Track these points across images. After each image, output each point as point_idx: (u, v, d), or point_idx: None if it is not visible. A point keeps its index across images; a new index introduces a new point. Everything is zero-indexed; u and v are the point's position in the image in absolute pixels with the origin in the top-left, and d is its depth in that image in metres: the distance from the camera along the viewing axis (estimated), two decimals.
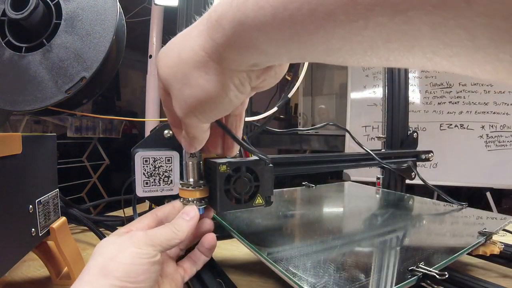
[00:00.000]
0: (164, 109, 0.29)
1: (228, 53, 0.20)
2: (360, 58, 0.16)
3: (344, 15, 0.13)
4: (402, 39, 0.13)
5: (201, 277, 0.37)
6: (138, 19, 1.65)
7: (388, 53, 0.14)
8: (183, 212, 0.31)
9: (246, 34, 0.18)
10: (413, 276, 0.30)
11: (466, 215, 0.52)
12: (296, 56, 0.18)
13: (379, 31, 0.13)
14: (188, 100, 0.22)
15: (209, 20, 0.20)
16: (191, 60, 0.21)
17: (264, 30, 0.17)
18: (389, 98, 0.71)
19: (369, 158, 0.54)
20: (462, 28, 0.11)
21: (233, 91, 0.22)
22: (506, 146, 1.51)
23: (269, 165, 0.32)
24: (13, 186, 0.34)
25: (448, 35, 0.12)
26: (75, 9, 0.42)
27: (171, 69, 0.23)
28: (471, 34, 0.11)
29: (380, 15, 0.12)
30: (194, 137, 0.26)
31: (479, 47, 0.11)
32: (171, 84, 0.23)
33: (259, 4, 0.16)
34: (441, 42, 0.12)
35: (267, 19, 0.16)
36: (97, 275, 0.24)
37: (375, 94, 1.72)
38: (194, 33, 0.21)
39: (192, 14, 0.38)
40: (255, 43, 0.18)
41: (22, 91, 0.40)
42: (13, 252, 0.34)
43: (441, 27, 0.12)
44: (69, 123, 1.63)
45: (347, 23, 0.14)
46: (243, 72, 0.21)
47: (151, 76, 1.41)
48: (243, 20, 0.17)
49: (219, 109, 0.23)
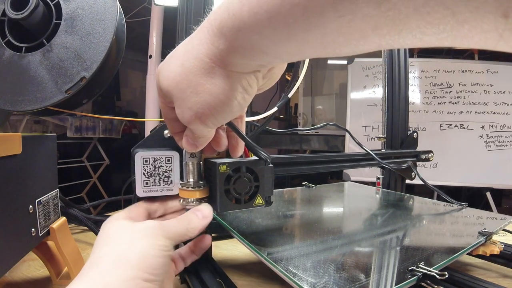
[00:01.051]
0: (164, 120, 0.29)
1: (233, 58, 0.20)
2: (355, 47, 0.17)
3: (332, 12, 0.14)
4: (390, 25, 0.14)
5: (201, 277, 0.37)
6: (138, 19, 1.65)
7: (379, 39, 0.15)
8: (197, 209, 0.30)
9: (247, 39, 0.19)
10: (413, 276, 0.30)
11: (466, 215, 0.52)
12: (295, 54, 0.19)
13: (367, 22, 0.14)
14: (194, 107, 0.23)
15: (210, 29, 0.20)
16: (196, 67, 0.22)
17: (262, 33, 0.18)
18: (389, 98, 0.71)
19: (369, 158, 0.54)
20: (442, 6, 0.12)
21: (241, 93, 0.22)
22: (506, 146, 1.51)
23: (269, 165, 0.32)
24: (13, 186, 0.34)
25: (432, 14, 0.13)
26: (75, 9, 0.42)
27: (173, 79, 0.23)
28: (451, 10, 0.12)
29: (365, 7, 0.14)
30: (199, 137, 0.27)
31: (463, 21, 0.12)
32: (174, 94, 0.23)
33: (254, 10, 0.17)
34: (427, 22, 0.13)
35: (263, 23, 0.17)
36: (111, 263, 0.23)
37: (375, 94, 1.72)
38: (195, 43, 0.22)
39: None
40: (256, 46, 0.19)
41: (22, 91, 0.40)
42: (13, 252, 0.34)
43: (423, 8, 0.12)
44: (69, 123, 1.63)
45: (336, 19, 0.15)
46: (251, 73, 0.22)
47: (151, 76, 1.41)
48: (242, 26, 0.18)
49: (227, 112, 0.23)
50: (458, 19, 0.12)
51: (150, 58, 1.42)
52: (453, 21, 0.12)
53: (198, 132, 0.26)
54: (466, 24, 0.12)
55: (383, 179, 0.71)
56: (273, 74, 0.24)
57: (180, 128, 0.29)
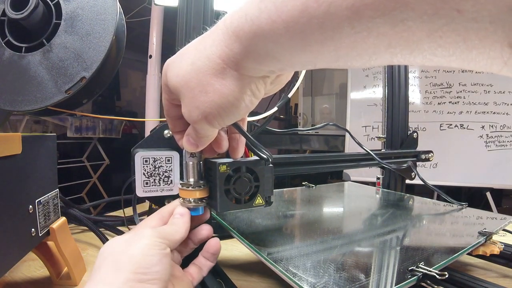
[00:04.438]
0: (166, 117, 0.29)
1: (246, 62, 0.21)
2: (366, 61, 0.17)
3: (349, 27, 0.15)
4: (403, 44, 0.15)
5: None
6: (138, 19, 1.65)
7: (391, 56, 0.16)
8: (175, 212, 0.32)
9: (262, 45, 0.19)
10: (413, 276, 0.30)
11: (466, 215, 0.52)
12: (308, 63, 0.20)
13: (382, 39, 0.15)
14: (202, 106, 0.23)
15: (226, 31, 0.21)
16: (207, 67, 0.22)
17: (278, 41, 0.18)
18: (389, 98, 0.71)
19: (369, 158, 0.54)
20: (455, 33, 0.13)
21: (249, 96, 0.23)
22: (506, 146, 1.51)
23: (269, 165, 0.32)
24: (13, 186, 0.34)
25: (444, 39, 0.13)
26: (75, 9, 0.42)
27: (183, 77, 0.23)
28: (463, 37, 0.13)
29: (381, 26, 0.14)
30: (202, 137, 0.27)
31: (472, 47, 0.13)
32: (182, 92, 0.24)
33: (272, 18, 0.17)
34: (438, 45, 0.14)
35: (280, 32, 0.17)
36: (109, 272, 0.24)
37: (375, 94, 1.72)
38: (208, 43, 0.22)
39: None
40: (271, 53, 0.19)
41: (22, 91, 0.40)
42: (13, 252, 0.34)
43: (436, 33, 0.13)
44: (69, 123, 1.63)
45: (352, 34, 0.15)
46: (260, 78, 0.22)
47: (151, 76, 1.41)
48: (259, 33, 0.18)
49: (234, 114, 0.23)
50: (468, 45, 0.13)
51: (150, 58, 1.42)
52: (463, 47, 0.13)
53: (202, 132, 0.26)
54: (474, 50, 0.13)
55: (383, 179, 0.71)
56: (280, 80, 0.25)
57: (181, 126, 0.29)
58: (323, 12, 0.15)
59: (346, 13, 0.14)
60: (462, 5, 0.12)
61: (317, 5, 0.15)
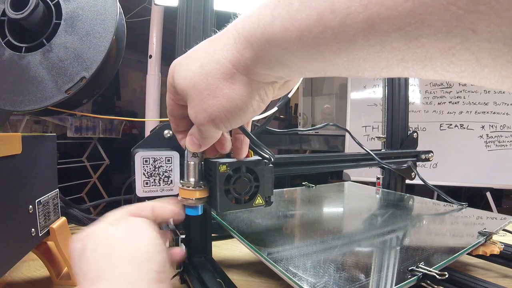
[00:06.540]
0: (169, 117, 0.29)
1: (256, 67, 0.21)
2: (377, 73, 0.17)
3: (364, 40, 0.15)
4: (415, 59, 0.15)
5: (201, 277, 0.37)
6: (138, 19, 1.65)
7: (403, 69, 0.16)
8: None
9: (273, 52, 0.19)
10: (413, 276, 0.30)
11: (466, 215, 0.52)
12: (318, 72, 0.20)
13: (395, 54, 0.15)
14: (210, 110, 0.23)
15: (237, 36, 0.21)
16: (217, 71, 0.22)
17: (290, 49, 0.18)
18: (389, 98, 0.71)
19: (369, 158, 0.54)
20: (468, 51, 0.13)
21: (257, 101, 0.23)
22: (506, 146, 1.51)
23: (269, 165, 0.32)
24: (13, 186, 0.34)
25: (457, 56, 0.13)
26: (75, 9, 0.42)
27: (191, 80, 0.23)
28: (476, 56, 0.13)
29: (395, 41, 0.14)
30: (206, 138, 0.27)
31: (484, 65, 0.13)
32: (189, 94, 0.24)
33: (285, 26, 0.17)
34: (450, 61, 0.14)
35: (293, 40, 0.17)
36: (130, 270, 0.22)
37: (375, 94, 1.72)
38: (218, 46, 0.22)
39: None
40: (282, 60, 0.19)
41: (22, 91, 0.40)
42: (13, 252, 0.34)
43: (450, 50, 0.13)
44: (69, 123, 1.63)
45: (366, 47, 0.15)
46: (269, 84, 0.23)
47: (151, 76, 1.41)
48: (271, 40, 0.18)
49: (241, 118, 0.24)
50: (480, 63, 0.13)
51: (150, 58, 1.42)
52: (475, 64, 0.13)
53: (207, 133, 0.26)
54: (486, 68, 0.13)
55: (383, 179, 0.71)
56: (288, 86, 0.25)
57: (184, 126, 0.29)
58: (339, 23, 0.15)
59: (361, 25, 0.14)
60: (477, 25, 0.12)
61: (333, 16, 0.15)
